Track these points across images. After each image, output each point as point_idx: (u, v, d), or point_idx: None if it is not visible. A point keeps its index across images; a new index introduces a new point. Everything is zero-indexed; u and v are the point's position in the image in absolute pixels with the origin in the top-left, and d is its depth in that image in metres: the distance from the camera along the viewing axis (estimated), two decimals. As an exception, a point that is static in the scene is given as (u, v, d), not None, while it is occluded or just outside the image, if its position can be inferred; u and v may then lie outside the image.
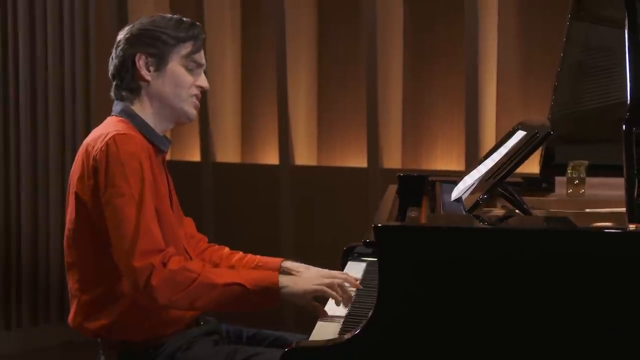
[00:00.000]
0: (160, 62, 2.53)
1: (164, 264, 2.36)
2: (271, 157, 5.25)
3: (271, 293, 2.43)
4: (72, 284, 2.55)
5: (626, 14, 2.38)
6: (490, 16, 4.49)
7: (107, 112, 2.61)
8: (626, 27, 2.38)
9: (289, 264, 2.74)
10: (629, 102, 2.29)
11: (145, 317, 2.45)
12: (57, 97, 5.15)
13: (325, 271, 2.68)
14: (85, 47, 5.26)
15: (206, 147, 5.39)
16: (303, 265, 2.72)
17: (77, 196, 2.48)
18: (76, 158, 2.51)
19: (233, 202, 5.32)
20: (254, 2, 5.31)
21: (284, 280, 2.46)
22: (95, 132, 2.52)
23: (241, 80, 5.39)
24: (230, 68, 5.32)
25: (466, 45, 4.48)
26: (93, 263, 2.49)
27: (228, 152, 5.44)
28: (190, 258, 2.58)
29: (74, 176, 2.50)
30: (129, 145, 2.40)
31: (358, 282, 2.66)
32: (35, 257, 5.10)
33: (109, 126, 2.49)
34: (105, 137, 2.41)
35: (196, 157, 5.45)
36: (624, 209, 2.20)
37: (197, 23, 2.61)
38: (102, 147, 2.40)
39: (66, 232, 2.54)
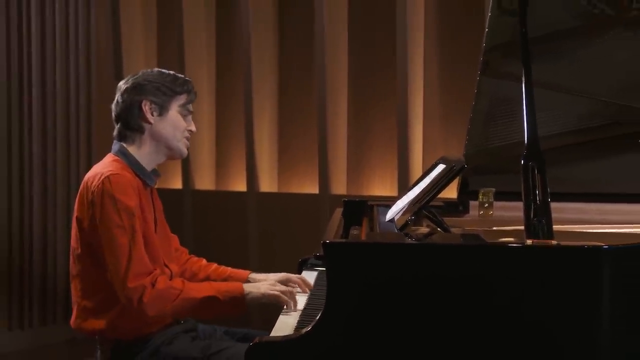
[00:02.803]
0: (162, 109, 2.54)
1: (153, 284, 2.37)
2: (240, 185, 5.24)
3: (239, 301, 2.46)
4: (74, 292, 2.54)
5: (523, 72, 2.43)
6: (417, 70, 4.52)
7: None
8: (523, 82, 2.42)
9: (254, 275, 2.76)
10: (525, 141, 2.33)
11: (134, 321, 2.44)
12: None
13: (283, 275, 2.71)
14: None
15: (187, 176, 5.37)
16: (265, 275, 2.75)
17: (78, 220, 2.47)
18: (80, 189, 2.51)
19: (209, 222, 5.30)
20: (226, 58, 5.31)
21: (247, 288, 2.48)
22: (94, 169, 2.52)
23: (215, 120, 5.39)
24: (207, 111, 5.32)
25: (398, 94, 4.51)
26: (92, 276, 2.49)
27: (205, 181, 5.42)
28: (171, 271, 2.57)
29: (77, 203, 2.50)
30: (120, 185, 2.41)
31: (312, 284, 2.71)
32: (45, 267, 5.05)
33: (106, 165, 2.49)
34: (101, 176, 2.42)
35: (178, 185, 5.43)
36: (523, 227, 2.23)
37: (188, 78, 2.63)
38: (98, 184, 2.41)
39: (71, 249, 2.54)
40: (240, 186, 5.24)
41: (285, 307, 2.48)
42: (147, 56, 5.56)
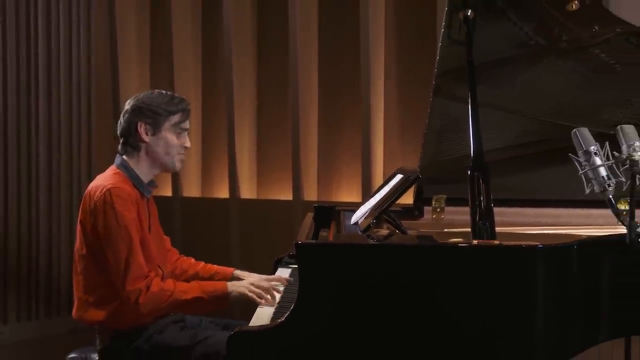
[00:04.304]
0: (156, 129, 2.53)
1: (148, 287, 2.37)
2: (223, 192, 5.24)
3: (222, 299, 2.47)
4: (76, 286, 2.54)
5: (469, 94, 2.47)
6: (378, 91, 4.55)
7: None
8: (470, 103, 2.46)
9: (238, 272, 2.76)
10: (472, 154, 2.36)
11: (130, 314, 2.44)
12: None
13: (264, 276, 2.71)
14: (87, 100, 5.21)
15: (176, 185, 5.35)
16: (247, 272, 2.75)
17: (82, 224, 2.47)
18: (83, 197, 2.51)
19: (195, 225, 5.28)
20: (210, 78, 5.30)
21: (229, 287, 2.48)
22: (97, 180, 2.52)
23: (202, 135, 5.37)
24: (194, 125, 5.28)
25: (362, 112, 4.54)
26: (93, 274, 2.49)
27: (192, 189, 5.40)
28: (163, 271, 2.57)
29: (81, 209, 2.50)
30: (120, 197, 2.41)
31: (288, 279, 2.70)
32: (50, 266, 5.02)
33: (108, 178, 2.49)
34: (103, 188, 2.42)
35: (168, 192, 5.41)
36: (469, 229, 2.27)
37: (184, 98, 2.62)
38: (100, 196, 2.41)
39: (75, 248, 2.54)
40: (224, 193, 5.23)
41: (261, 304, 2.48)
42: (141, 79, 5.54)
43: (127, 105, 2.56)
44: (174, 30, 5.26)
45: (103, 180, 2.50)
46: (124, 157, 2.56)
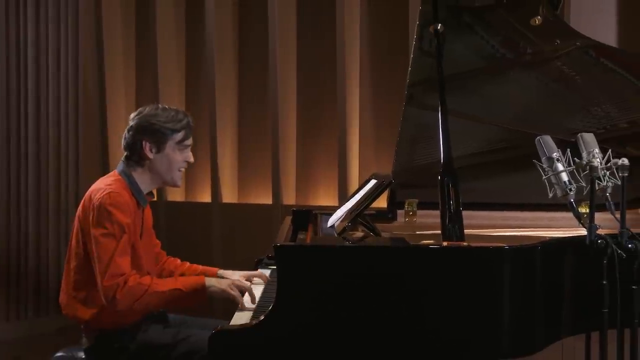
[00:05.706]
0: (160, 147, 2.50)
1: (125, 282, 2.36)
2: (205, 197, 5.22)
3: (200, 292, 2.44)
4: (66, 283, 2.53)
5: (439, 104, 2.48)
6: (354, 101, 4.56)
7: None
8: (440, 111, 2.47)
9: (222, 271, 2.75)
10: (442, 161, 2.36)
11: (114, 314, 2.42)
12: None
13: (247, 272, 2.69)
14: (75, 106, 5.16)
15: (160, 190, 5.32)
16: (231, 271, 2.74)
17: (80, 222, 2.47)
18: (84, 196, 2.51)
19: (179, 228, 5.25)
20: (194, 87, 5.29)
21: (210, 282, 2.46)
22: (99, 183, 2.52)
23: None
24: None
25: (339, 121, 4.55)
26: (85, 271, 2.48)
27: (176, 194, 5.37)
28: (151, 276, 2.55)
29: (81, 207, 2.49)
30: (118, 202, 2.41)
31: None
32: (38, 267, 4.97)
33: (109, 183, 2.49)
34: (103, 191, 2.42)
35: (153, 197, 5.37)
36: (440, 231, 2.27)
37: (187, 113, 2.58)
38: (100, 197, 2.41)
39: (70, 245, 2.53)
40: (206, 198, 5.21)
41: (240, 305, 2.45)
42: (127, 89, 5.51)
43: (132, 121, 2.52)
44: (158, 42, 5.24)
45: (105, 184, 2.49)
46: (127, 166, 2.53)
